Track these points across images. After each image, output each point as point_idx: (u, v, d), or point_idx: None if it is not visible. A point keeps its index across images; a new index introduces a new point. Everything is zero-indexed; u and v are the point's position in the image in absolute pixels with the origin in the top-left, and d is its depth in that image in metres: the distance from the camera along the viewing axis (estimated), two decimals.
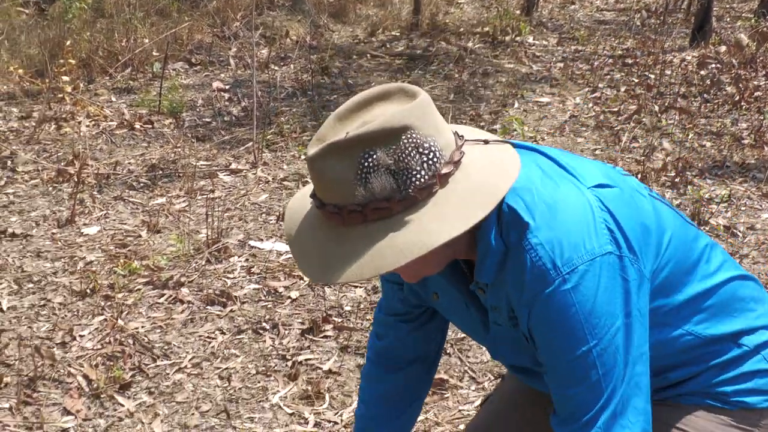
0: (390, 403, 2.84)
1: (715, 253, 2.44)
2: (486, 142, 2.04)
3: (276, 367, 5.31)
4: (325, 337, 5.57)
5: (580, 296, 1.95)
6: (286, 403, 4.98)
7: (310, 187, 2.03)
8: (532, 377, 2.39)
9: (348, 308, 5.88)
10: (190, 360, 5.34)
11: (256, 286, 6.20)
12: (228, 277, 6.33)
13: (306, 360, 5.36)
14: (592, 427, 2.02)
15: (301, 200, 2.07)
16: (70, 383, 5.07)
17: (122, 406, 4.91)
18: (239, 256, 6.62)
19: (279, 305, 5.96)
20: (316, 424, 4.82)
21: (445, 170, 1.89)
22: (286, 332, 5.64)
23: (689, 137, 9.00)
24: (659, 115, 9.61)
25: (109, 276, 6.26)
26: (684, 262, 2.31)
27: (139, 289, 6.10)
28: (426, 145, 1.86)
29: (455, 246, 1.99)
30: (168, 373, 5.22)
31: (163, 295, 6.05)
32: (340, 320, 5.72)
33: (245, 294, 6.10)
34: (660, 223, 2.20)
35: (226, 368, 5.28)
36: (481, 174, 1.93)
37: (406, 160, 1.85)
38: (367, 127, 1.84)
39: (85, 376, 5.10)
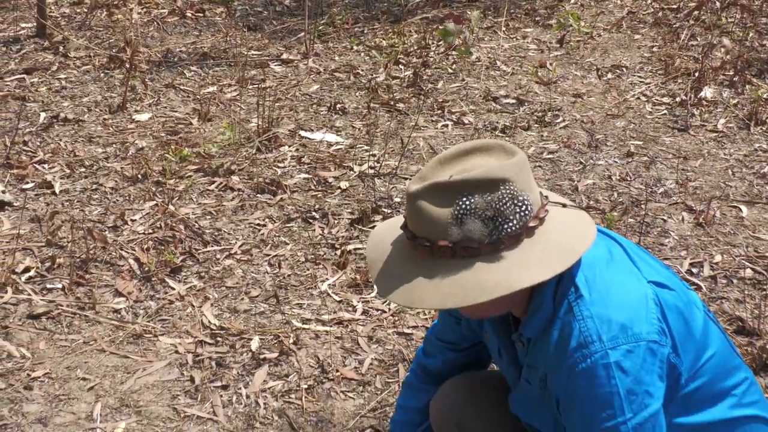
0: (426, 413, 2.89)
1: (754, 389, 2.48)
2: (564, 205, 2.20)
3: (325, 256, 5.24)
4: (374, 227, 5.46)
5: (620, 372, 2.07)
6: (334, 291, 4.92)
7: (397, 220, 2.22)
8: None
9: (398, 200, 5.77)
10: (240, 246, 5.29)
11: (306, 176, 6.11)
12: (278, 166, 6.24)
13: (355, 249, 5.29)
14: None
15: (388, 228, 2.26)
16: (122, 266, 5.05)
17: (173, 289, 4.88)
18: (289, 146, 6.51)
19: (329, 195, 5.87)
20: (364, 312, 4.76)
21: (532, 223, 2.05)
22: (336, 222, 5.56)
23: (749, 36, 8.66)
24: (719, 12, 9.24)
25: (160, 162, 6.19)
26: (718, 383, 2.35)
27: (190, 176, 6.03)
28: (521, 198, 2.02)
29: (516, 297, 2.15)
30: (218, 259, 5.18)
31: (213, 182, 5.98)
32: (389, 211, 5.62)
33: (295, 183, 6.01)
34: (706, 339, 2.31)
35: (276, 255, 5.22)
36: (562, 233, 2.09)
37: (501, 209, 2.00)
38: (472, 173, 2.01)
39: (137, 260, 5.08)
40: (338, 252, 5.24)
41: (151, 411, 4.04)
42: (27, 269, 4.95)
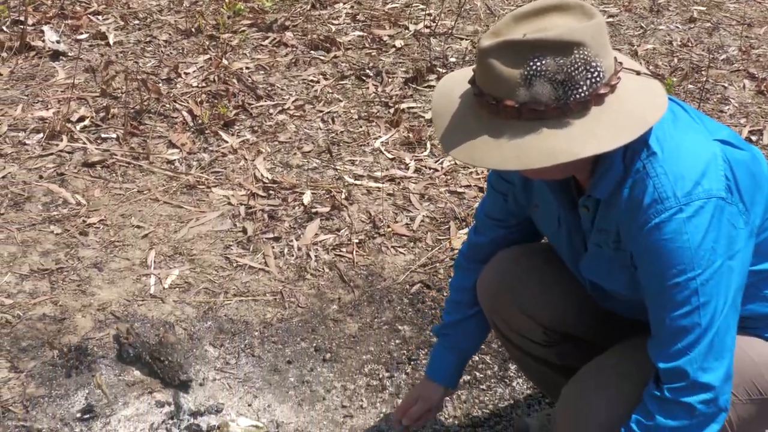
0: (472, 292, 2.81)
1: None
2: (638, 73, 2.09)
3: (378, 114, 5.11)
4: (429, 86, 5.33)
5: (692, 227, 2.03)
6: (387, 148, 4.81)
7: (468, 72, 2.09)
8: (613, 301, 2.47)
9: (453, 59, 5.58)
10: (293, 102, 5.18)
11: (361, 33, 5.92)
12: (332, 23, 6.05)
13: (409, 108, 5.15)
14: (686, 354, 2.10)
15: (456, 81, 2.14)
16: (176, 118, 4.98)
17: (226, 142, 4.81)
18: (344, 3, 6.31)
19: (383, 53, 5.70)
20: (417, 170, 4.66)
21: (602, 91, 1.95)
22: (390, 80, 5.41)
23: None
24: None
25: (213, 16, 6.03)
26: None
27: (244, 31, 5.87)
28: (593, 64, 1.92)
29: (581, 162, 2.05)
30: (271, 114, 5.08)
31: (267, 37, 5.83)
32: (444, 71, 5.44)
33: (349, 40, 5.84)
34: None
35: (329, 112, 5.10)
36: (633, 102, 2.00)
37: (573, 74, 1.91)
38: (545, 33, 1.90)
39: (190, 112, 4.99)
40: (391, 110, 5.11)
41: (203, 260, 4.02)
42: (82, 118, 4.89)
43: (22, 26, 5.64)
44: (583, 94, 1.93)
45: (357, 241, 4.15)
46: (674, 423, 2.13)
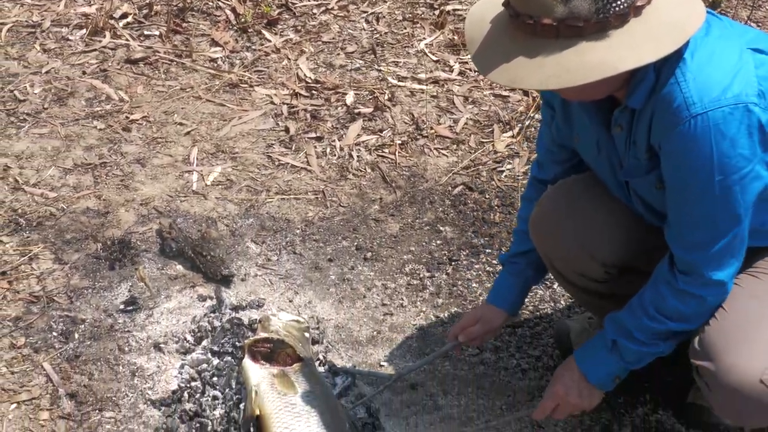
0: None
1: None
2: None
3: (423, 15, 4.96)
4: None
5: (717, 133, 1.98)
6: (431, 50, 4.68)
7: None
8: (651, 213, 2.40)
9: None
10: (336, 2, 5.03)
11: None
12: None
13: (454, 10, 4.99)
14: (704, 250, 2.13)
15: (487, 6, 2.08)
16: (219, 16, 4.86)
17: (269, 41, 4.69)
18: None
19: None
20: (461, 73, 4.53)
21: (640, 2, 1.89)
22: None
23: None
24: None
25: None
26: None
27: None
28: None
29: (620, 78, 2.03)
30: (315, 13, 4.94)
31: None
32: None
33: None
34: None
35: (373, 12, 4.96)
36: (672, 13, 1.93)
37: None
38: None
39: (233, 10, 4.87)
40: (437, 12, 4.94)
41: (246, 158, 3.96)
42: (125, 15, 4.80)
43: None
44: (621, 7, 1.87)
45: (400, 142, 4.06)
46: (685, 309, 2.21)
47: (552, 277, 2.87)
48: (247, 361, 2.75)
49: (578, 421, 2.73)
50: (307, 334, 2.92)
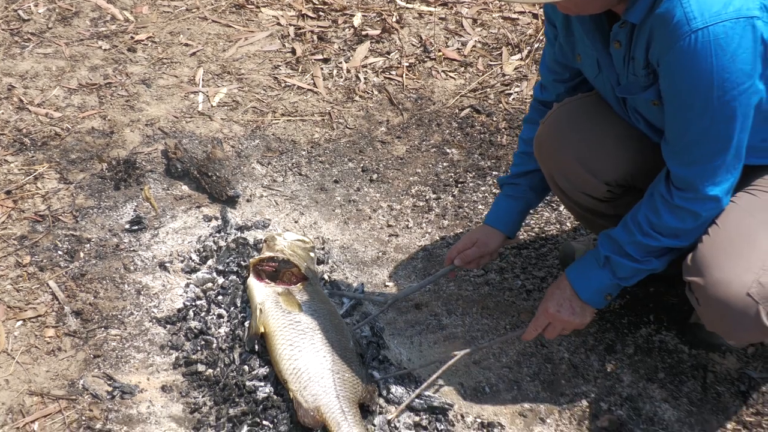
0: None
1: None
2: None
3: None
4: None
5: (718, 48, 1.92)
6: None
7: None
8: (651, 130, 2.34)
9: None
10: None
11: None
12: None
13: None
14: (700, 166, 2.10)
15: None
16: None
17: None
18: None
19: None
20: None
21: None
22: None
23: None
24: None
25: None
26: None
27: None
28: None
29: None
30: None
31: None
32: None
33: None
34: None
35: None
36: None
37: None
38: None
39: None
40: None
41: (252, 79, 3.88)
42: None
43: None
44: None
45: (407, 64, 3.97)
46: (680, 224, 2.18)
47: (557, 198, 2.81)
48: (252, 280, 2.73)
49: (581, 340, 2.70)
50: (312, 254, 2.88)
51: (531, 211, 3.00)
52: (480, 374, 2.61)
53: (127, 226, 3.11)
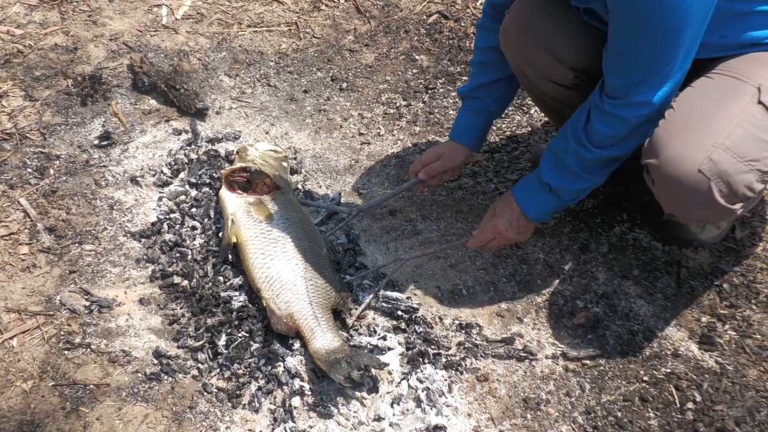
0: (500, 52, 2.55)
1: None
2: None
3: None
4: None
5: None
6: None
7: None
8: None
9: None
10: None
11: None
12: None
13: None
14: (635, 74, 2.06)
15: None
16: None
17: None
18: None
19: None
20: None
21: None
22: None
23: None
24: None
25: None
26: None
27: None
28: None
29: None
30: None
31: None
32: None
33: None
34: None
35: None
36: None
37: None
38: None
39: None
40: None
41: None
42: None
43: None
44: None
45: None
46: (610, 131, 2.16)
47: (529, 99, 2.76)
48: (224, 191, 2.67)
49: (556, 241, 2.69)
50: (284, 164, 2.82)
51: (502, 115, 2.96)
52: (456, 277, 2.59)
53: (96, 142, 3.03)
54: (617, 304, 2.48)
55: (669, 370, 2.30)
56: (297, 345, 2.34)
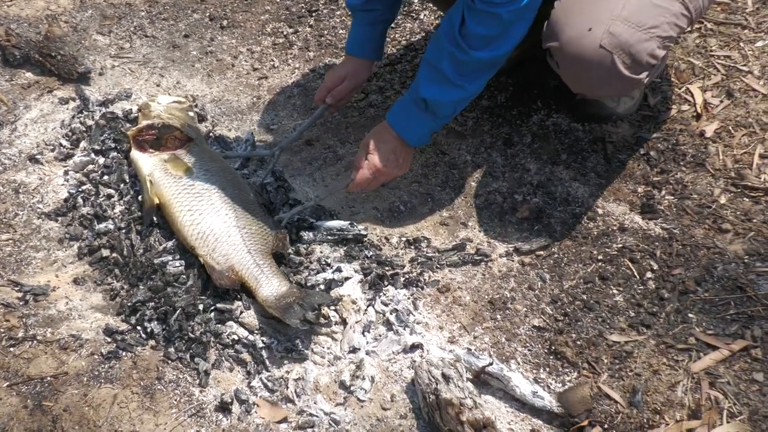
0: None
1: None
2: None
3: None
4: None
5: None
6: None
7: None
8: None
9: None
10: None
11: None
12: None
13: None
14: None
15: None
16: None
17: None
18: None
19: None
20: None
21: None
22: None
23: None
24: None
25: None
26: None
27: None
28: None
29: None
30: None
31: None
32: None
33: None
34: None
35: None
36: None
37: None
38: None
39: None
40: None
41: None
42: None
43: None
44: None
45: None
46: (485, 31, 2.08)
47: (418, 4, 2.68)
48: (135, 153, 2.51)
49: (479, 140, 2.67)
50: (191, 113, 2.68)
51: (392, 25, 2.89)
52: (391, 194, 2.55)
53: None
54: (554, 191, 2.49)
55: (620, 245, 2.34)
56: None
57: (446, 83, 2.17)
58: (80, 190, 2.57)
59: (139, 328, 2.23)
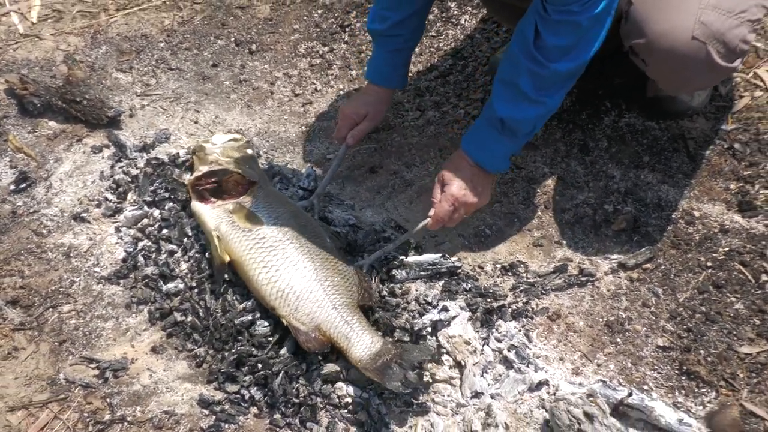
0: None
1: None
2: None
3: None
4: None
5: None
6: None
7: None
8: None
9: None
10: None
11: None
12: None
13: None
14: None
15: None
16: None
17: None
18: None
19: None
20: None
21: None
22: None
23: None
24: None
25: None
26: None
27: None
28: None
29: None
30: None
31: None
32: None
33: None
34: None
35: None
36: None
37: None
38: None
39: None
40: None
41: None
42: None
43: None
44: None
45: None
46: (564, 41, 1.92)
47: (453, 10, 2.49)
48: (196, 204, 2.27)
49: (552, 150, 2.49)
50: (249, 151, 2.42)
51: (434, 34, 2.70)
52: (474, 219, 2.36)
53: (13, 187, 2.55)
54: (645, 197, 2.33)
55: (726, 249, 2.18)
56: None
57: (524, 100, 2.01)
58: (138, 248, 2.34)
59: (237, 395, 2.02)
